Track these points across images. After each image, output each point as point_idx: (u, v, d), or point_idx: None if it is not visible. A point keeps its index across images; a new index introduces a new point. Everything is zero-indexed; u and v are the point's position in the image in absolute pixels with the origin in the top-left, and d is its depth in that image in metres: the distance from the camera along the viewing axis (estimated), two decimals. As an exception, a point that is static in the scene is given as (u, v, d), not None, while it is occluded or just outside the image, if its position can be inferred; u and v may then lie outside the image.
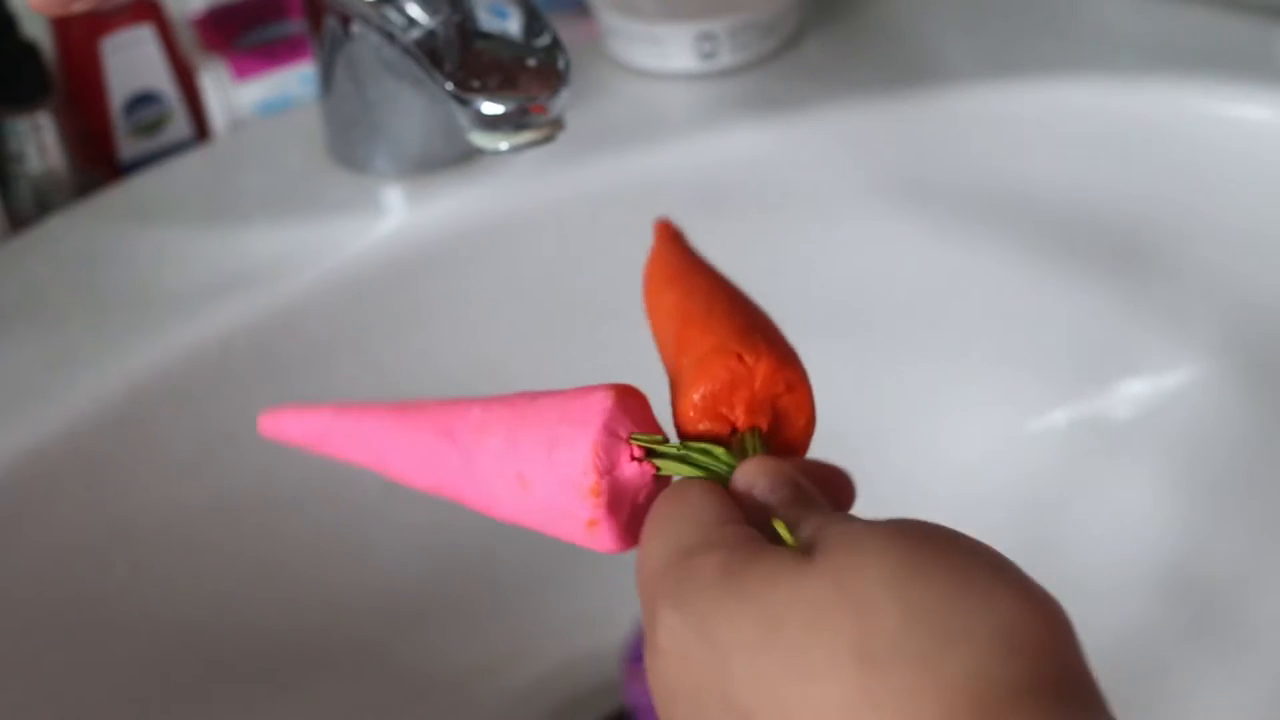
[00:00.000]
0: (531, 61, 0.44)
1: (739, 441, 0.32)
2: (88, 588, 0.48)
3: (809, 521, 0.29)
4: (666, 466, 0.32)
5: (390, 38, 0.45)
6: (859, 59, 0.60)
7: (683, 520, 0.30)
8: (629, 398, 0.32)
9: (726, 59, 0.59)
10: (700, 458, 0.32)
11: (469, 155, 0.55)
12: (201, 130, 0.60)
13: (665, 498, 0.31)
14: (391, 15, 0.45)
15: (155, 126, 0.59)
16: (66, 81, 0.58)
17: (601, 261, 0.56)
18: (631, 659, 0.54)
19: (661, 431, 0.33)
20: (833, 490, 0.32)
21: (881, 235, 0.58)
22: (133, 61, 0.57)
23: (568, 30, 0.48)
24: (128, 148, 0.59)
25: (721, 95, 0.58)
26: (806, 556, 0.27)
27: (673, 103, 0.58)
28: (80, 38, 0.57)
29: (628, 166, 0.55)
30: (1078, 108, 0.57)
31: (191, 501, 0.50)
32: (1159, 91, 0.56)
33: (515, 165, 0.54)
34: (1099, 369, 0.60)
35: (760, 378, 0.32)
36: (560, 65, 0.43)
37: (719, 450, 0.32)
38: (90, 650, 0.48)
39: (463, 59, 0.44)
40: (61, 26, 0.57)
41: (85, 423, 0.47)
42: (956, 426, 0.61)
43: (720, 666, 0.27)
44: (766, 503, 0.30)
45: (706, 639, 0.27)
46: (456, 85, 0.43)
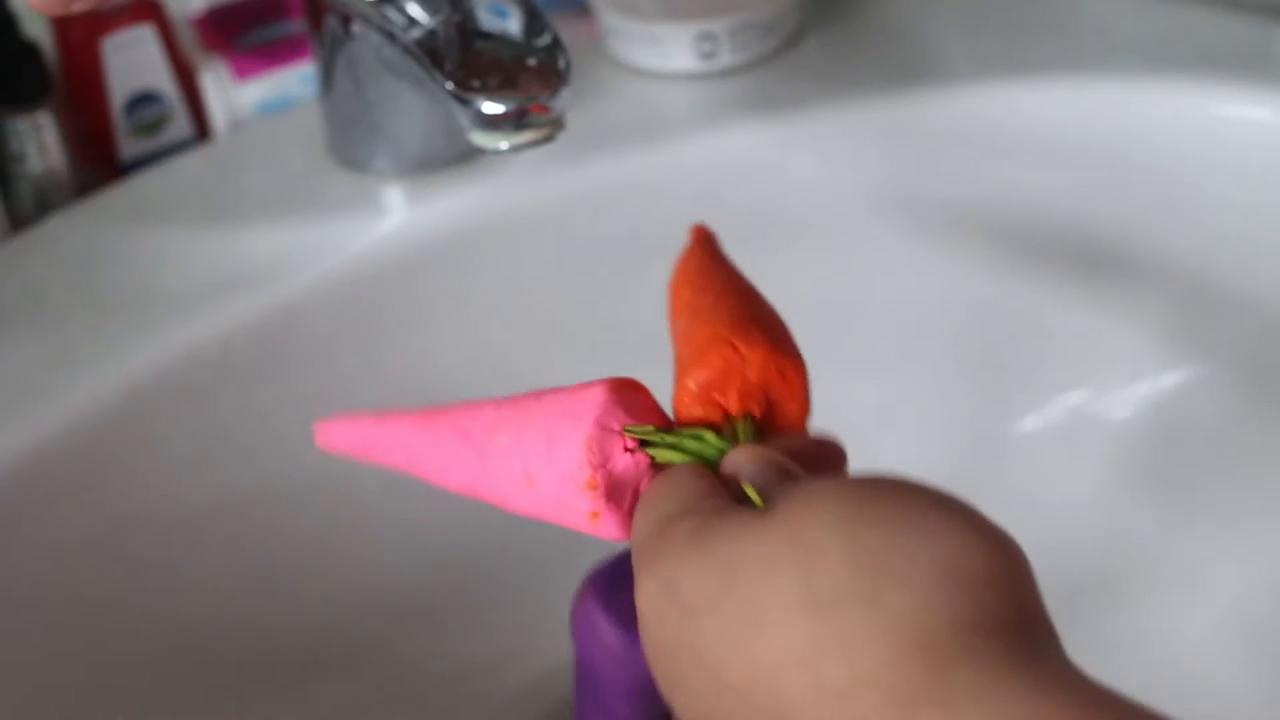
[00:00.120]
0: (532, 61, 0.44)
1: (731, 427, 0.33)
2: (88, 588, 0.48)
3: (781, 488, 0.29)
4: (660, 455, 0.33)
5: (390, 37, 0.45)
6: (859, 59, 0.60)
7: (668, 496, 0.31)
8: (625, 390, 0.33)
9: (726, 59, 0.59)
10: (692, 444, 0.32)
11: (469, 155, 0.55)
12: (202, 130, 0.60)
13: (657, 479, 0.32)
14: (392, 15, 0.45)
15: (155, 126, 0.59)
16: (67, 81, 0.58)
17: (602, 261, 0.56)
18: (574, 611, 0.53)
19: (665, 418, 0.34)
20: (822, 464, 0.33)
21: (881, 235, 0.58)
22: (133, 61, 0.57)
23: (568, 30, 0.48)
24: (128, 147, 0.59)
25: (721, 95, 0.58)
26: (768, 513, 0.28)
27: (673, 103, 0.58)
28: (80, 38, 0.57)
29: (628, 166, 0.55)
30: (1077, 108, 0.57)
31: (192, 501, 0.50)
32: (1158, 91, 0.56)
33: (515, 165, 0.54)
34: (1100, 369, 0.60)
35: (754, 366, 0.33)
36: (560, 65, 0.43)
37: (709, 435, 0.32)
38: (90, 649, 0.48)
39: (463, 59, 0.44)
40: (62, 26, 0.57)
41: (85, 422, 0.47)
42: (945, 429, 0.61)
43: (690, 623, 0.27)
44: (751, 483, 0.31)
45: (675, 598, 0.28)
46: (457, 85, 0.43)
